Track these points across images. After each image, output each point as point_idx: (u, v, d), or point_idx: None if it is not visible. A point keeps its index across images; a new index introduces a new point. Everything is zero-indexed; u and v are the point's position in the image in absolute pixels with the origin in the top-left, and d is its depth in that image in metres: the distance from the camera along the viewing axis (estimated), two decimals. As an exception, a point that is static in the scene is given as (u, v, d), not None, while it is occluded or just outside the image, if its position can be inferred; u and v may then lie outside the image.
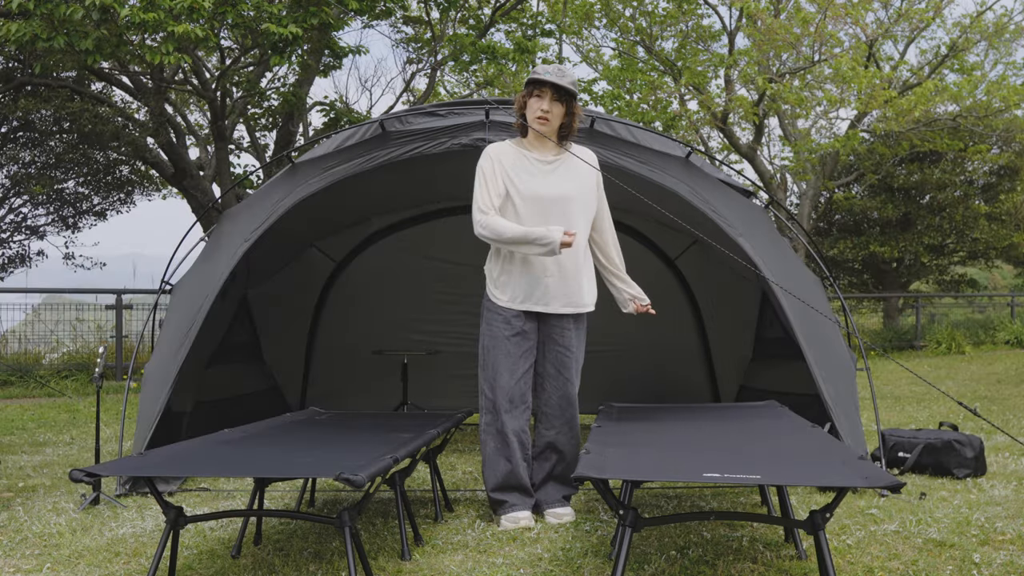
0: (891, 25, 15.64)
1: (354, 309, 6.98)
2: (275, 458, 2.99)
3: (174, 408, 4.69)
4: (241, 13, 8.41)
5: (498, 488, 3.82)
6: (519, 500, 3.81)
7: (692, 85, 15.94)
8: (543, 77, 3.75)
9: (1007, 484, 4.41)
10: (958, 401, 4.29)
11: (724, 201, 4.49)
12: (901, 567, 3.07)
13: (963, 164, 18.38)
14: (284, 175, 4.67)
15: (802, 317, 4.39)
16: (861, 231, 19.09)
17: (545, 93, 3.77)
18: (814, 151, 15.48)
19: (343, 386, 6.94)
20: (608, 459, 2.75)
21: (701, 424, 3.71)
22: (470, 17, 13.58)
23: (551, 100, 3.77)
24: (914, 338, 16.45)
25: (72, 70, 11.23)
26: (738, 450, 3.03)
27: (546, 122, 3.79)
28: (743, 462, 2.74)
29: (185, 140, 13.05)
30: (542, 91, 3.77)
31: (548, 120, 3.79)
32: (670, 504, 4.16)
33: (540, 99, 3.77)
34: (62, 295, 13.22)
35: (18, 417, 7.92)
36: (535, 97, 3.79)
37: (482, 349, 3.87)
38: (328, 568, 3.16)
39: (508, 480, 3.81)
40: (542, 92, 3.77)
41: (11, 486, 4.75)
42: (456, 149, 4.47)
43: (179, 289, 4.74)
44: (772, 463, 2.74)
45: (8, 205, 13.72)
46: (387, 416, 4.47)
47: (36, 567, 3.22)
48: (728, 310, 6.59)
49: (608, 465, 2.66)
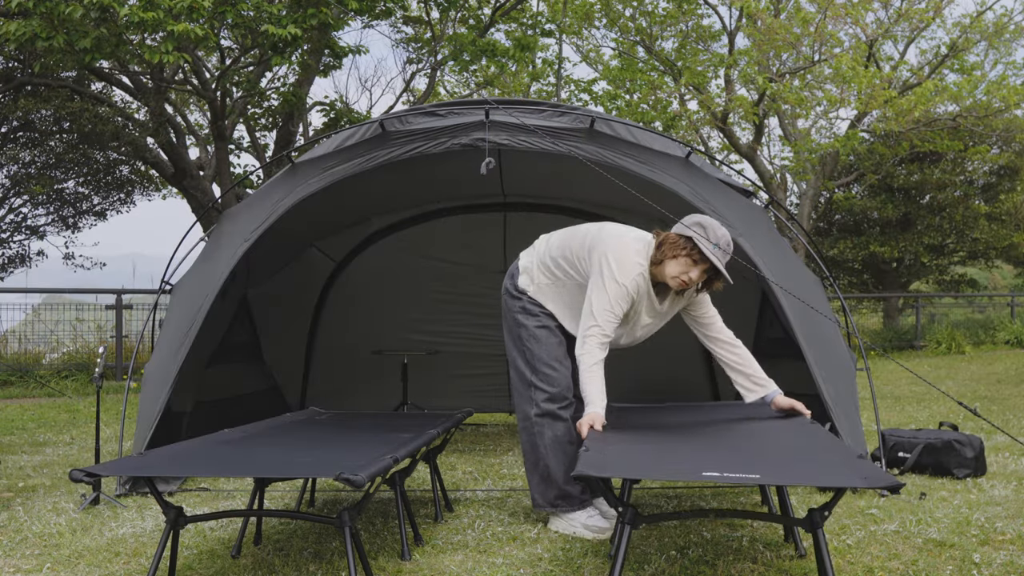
0: (891, 25, 15.64)
1: (354, 309, 6.98)
2: (275, 458, 2.99)
3: (174, 408, 4.69)
4: (241, 13, 8.40)
5: (570, 480, 3.67)
6: (596, 502, 3.73)
7: (692, 85, 15.94)
8: (711, 257, 3.38)
9: (1007, 484, 4.41)
10: (958, 401, 4.29)
11: (724, 201, 4.49)
12: (901, 567, 3.07)
13: (963, 164, 18.39)
14: (284, 175, 4.67)
15: (802, 317, 4.39)
16: (861, 231, 19.09)
17: (701, 265, 3.43)
18: (814, 151, 15.48)
19: (343, 386, 6.95)
20: (608, 457, 2.75)
21: (700, 423, 3.71)
22: (470, 17, 13.58)
23: (702, 272, 3.46)
24: (914, 338, 16.45)
25: (72, 70, 11.22)
26: (737, 448, 3.03)
27: (685, 287, 3.48)
28: (742, 461, 2.73)
29: (185, 140, 13.06)
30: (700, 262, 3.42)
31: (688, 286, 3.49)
32: (670, 504, 4.16)
33: (692, 266, 3.41)
34: (62, 295, 13.22)
35: (18, 417, 7.92)
36: (688, 259, 3.42)
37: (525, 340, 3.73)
38: (328, 568, 3.16)
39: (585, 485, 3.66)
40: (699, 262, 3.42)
41: (11, 486, 4.75)
42: (456, 149, 4.46)
43: (179, 289, 4.74)
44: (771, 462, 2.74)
45: (8, 205, 13.72)
46: (387, 416, 4.47)
47: (36, 567, 3.22)
48: (728, 310, 6.57)
49: (608, 463, 2.66)
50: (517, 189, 6.47)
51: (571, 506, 3.70)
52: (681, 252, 3.43)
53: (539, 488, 3.75)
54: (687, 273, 3.43)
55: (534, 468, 3.75)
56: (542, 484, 3.74)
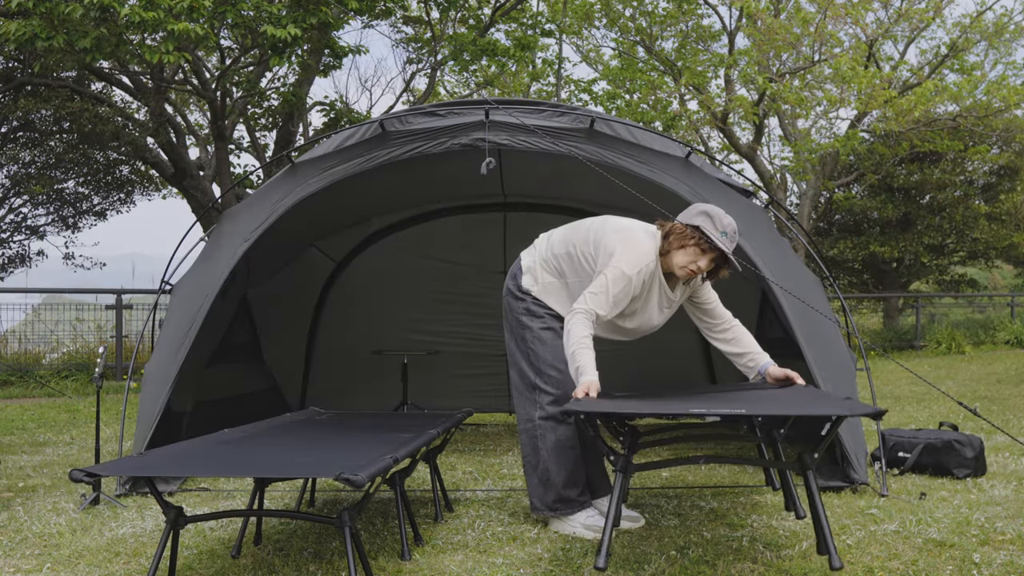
0: (891, 25, 15.64)
1: (354, 309, 6.98)
2: (275, 458, 2.99)
3: (174, 408, 4.69)
4: (241, 13, 8.40)
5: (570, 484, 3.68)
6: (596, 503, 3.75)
7: (692, 85, 15.94)
8: (720, 245, 3.40)
9: (1007, 484, 4.41)
10: (958, 401, 4.29)
11: (724, 201, 4.48)
12: (901, 567, 3.07)
13: (963, 164, 18.39)
14: (284, 175, 4.67)
15: (802, 317, 4.39)
16: (861, 231, 19.09)
17: (709, 254, 3.45)
18: (814, 151, 15.48)
19: (343, 386, 6.95)
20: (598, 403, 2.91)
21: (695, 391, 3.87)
22: (470, 17, 13.59)
23: (710, 261, 3.48)
24: (914, 338, 16.45)
25: (72, 70, 11.23)
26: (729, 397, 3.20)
27: (693, 276, 3.52)
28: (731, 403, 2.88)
29: (185, 140, 13.06)
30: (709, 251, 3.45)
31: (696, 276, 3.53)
32: (670, 504, 4.16)
33: (701, 255, 3.44)
34: (62, 295, 13.23)
35: (18, 417, 7.92)
36: (696, 248, 3.43)
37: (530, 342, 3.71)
38: (328, 568, 3.16)
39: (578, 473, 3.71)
40: (707, 251, 3.44)
41: (11, 486, 4.75)
42: (456, 149, 4.47)
43: (179, 289, 4.74)
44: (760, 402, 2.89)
45: (8, 205, 13.73)
46: (387, 416, 4.47)
47: (36, 567, 3.22)
48: (728, 310, 6.58)
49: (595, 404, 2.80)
50: (517, 189, 6.47)
51: (570, 509, 3.67)
52: (689, 242, 3.43)
53: (537, 491, 3.72)
54: (695, 262, 3.44)
55: (533, 471, 3.73)
56: (540, 487, 3.71)
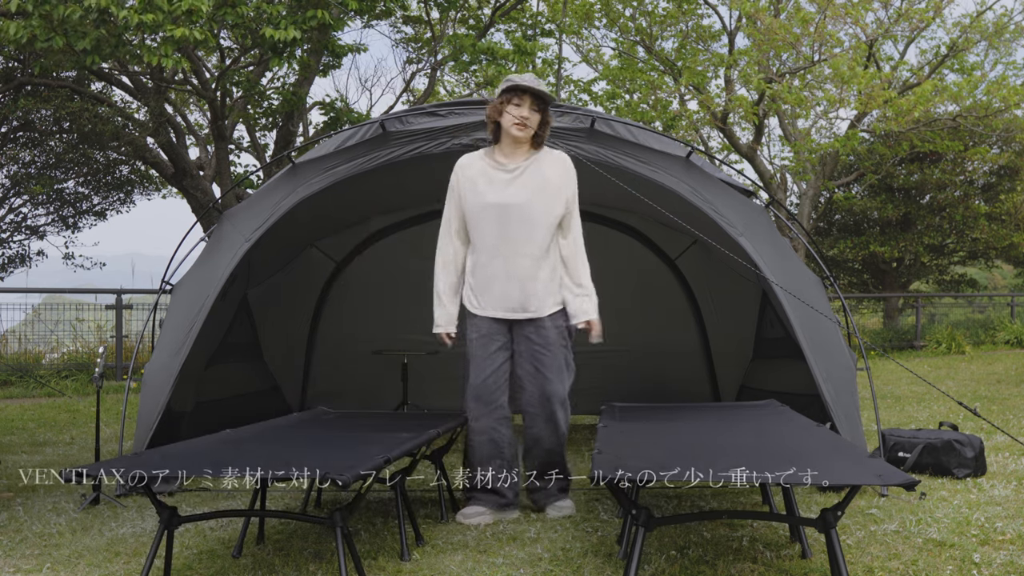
0: (891, 25, 15.62)
1: (354, 309, 6.98)
2: (272, 458, 2.99)
3: (174, 408, 4.69)
4: (241, 14, 8.40)
5: (468, 487, 4.01)
6: (483, 497, 3.93)
7: (692, 85, 15.94)
8: (524, 84, 3.82)
9: (1007, 484, 4.42)
10: (958, 401, 4.29)
11: (724, 201, 4.49)
12: (901, 567, 3.07)
13: (963, 164, 18.37)
14: (285, 175, 4.67)
15: (802, 317, 4.39)
16: (861, 231, 19.09)
17: (525, 100, 3.84)
18: (814, 151, 15.48)
19: (343, 386, 6.94)
20: (622, 459, 2.78)
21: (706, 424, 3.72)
22: (470, 17, 13.58)
23: (530, 107, 3.84)
24: (914, 338, 16.45)
25: (71, 70, 11.22)
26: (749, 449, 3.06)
27: (525, 128, 3.85)
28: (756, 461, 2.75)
29: (185, 140, 13.05)
30: (522, 98, 3.84)
31: (527, 126, 3.86)
32: (670, 504, 4.16)
33: (519, 106, 3.84)
34: (62, 295, 13.22)
35: (18, 417, 7.91)
36: (513, 104, 3.85)
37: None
38: (328, 568, 3.16)
39: (472, 478, 3.99)
40: (521, 99, 3.84)
41: (11, 486, 4.75)
42: (456, 149, 4.47)
43: (179, 289, 4.74)
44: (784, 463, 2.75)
45: (8, 205, 13.72)
46: (393, 416, 4.49)
47: (36, 567, 3.22)
48: (728, 310, 6.59)
49: (623, 465, 2.68)
50: (517, 189, 6.46)
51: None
52: (504, 103, 3.85)
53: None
54: (519, 114, 3.82)
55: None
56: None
